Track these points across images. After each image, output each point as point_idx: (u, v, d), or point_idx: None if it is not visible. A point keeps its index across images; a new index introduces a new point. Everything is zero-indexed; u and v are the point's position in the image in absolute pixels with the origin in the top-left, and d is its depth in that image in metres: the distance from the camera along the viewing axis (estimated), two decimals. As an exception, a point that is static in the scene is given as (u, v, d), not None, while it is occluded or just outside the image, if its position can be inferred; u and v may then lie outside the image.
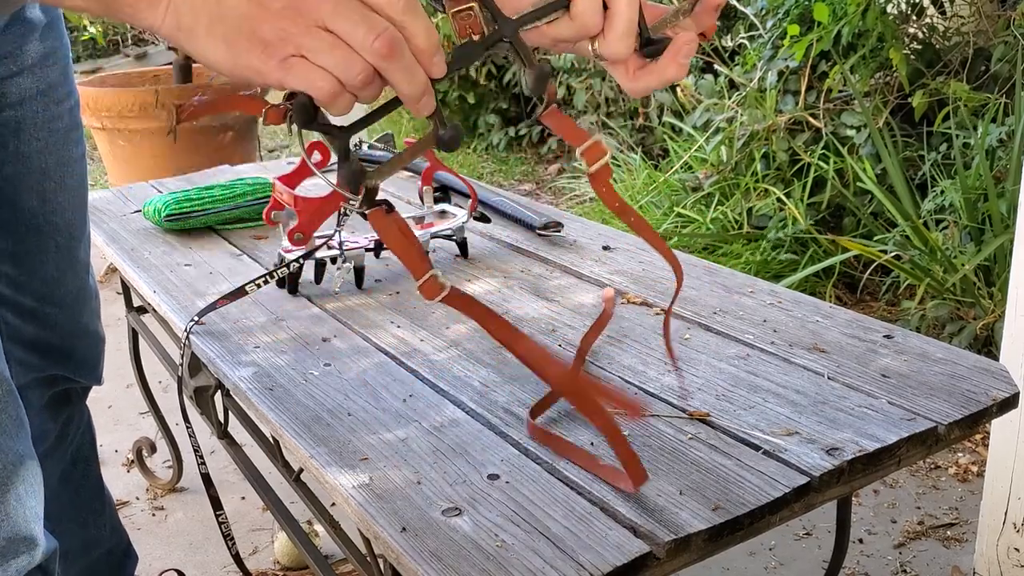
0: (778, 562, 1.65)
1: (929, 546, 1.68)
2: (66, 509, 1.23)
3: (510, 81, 4.46)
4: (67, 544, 1.24)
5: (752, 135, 2.78)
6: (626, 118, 3.73)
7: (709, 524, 0.72)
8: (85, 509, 1.28)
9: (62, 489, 1.22)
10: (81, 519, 1.27)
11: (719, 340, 1.06)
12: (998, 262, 2.20)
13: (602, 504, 0.76)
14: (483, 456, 0.84)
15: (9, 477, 0.81)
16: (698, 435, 0.86)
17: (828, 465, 0.79)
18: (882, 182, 2.55)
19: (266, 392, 0.97)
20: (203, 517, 1.87)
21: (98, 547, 1.29)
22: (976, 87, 2.54)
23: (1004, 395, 0.90)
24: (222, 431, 1.44)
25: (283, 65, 0.57)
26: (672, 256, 0.86)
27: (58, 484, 1.21)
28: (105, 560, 1.33)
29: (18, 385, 1.11)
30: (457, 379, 0.99)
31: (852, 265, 2.60)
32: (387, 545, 0.73)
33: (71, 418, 1.24)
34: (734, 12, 3.42)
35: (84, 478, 1.27)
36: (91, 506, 1.29)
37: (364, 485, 0.80)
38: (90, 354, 1.22)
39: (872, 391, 0.92)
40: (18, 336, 1.11)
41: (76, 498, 1.25)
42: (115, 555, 1.35)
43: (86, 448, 1.28)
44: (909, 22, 2.84)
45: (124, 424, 2.26)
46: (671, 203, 2.93)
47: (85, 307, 1.18)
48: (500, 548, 0.71)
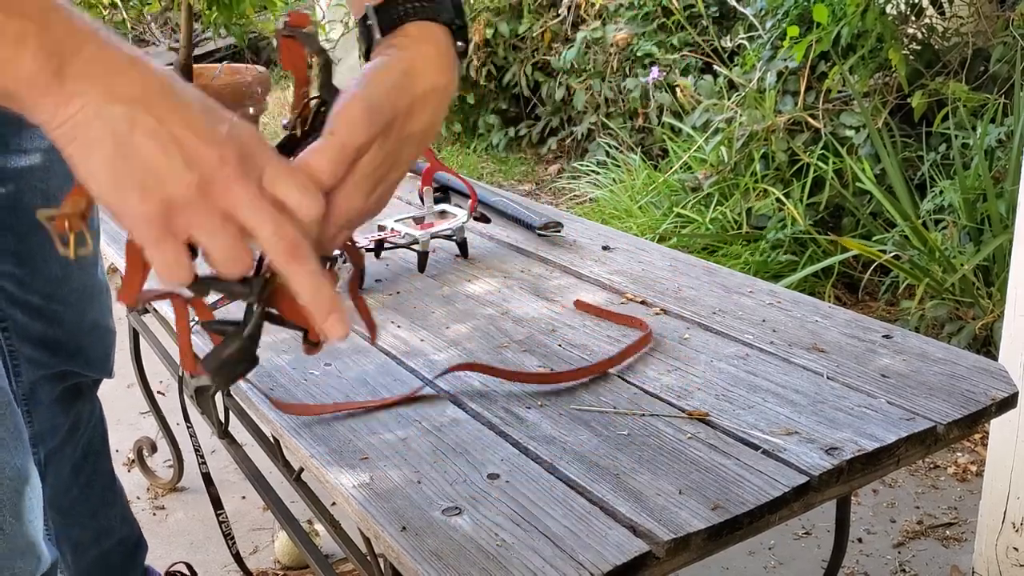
0: (777, 561, 1.65)
1: (928, 545, 1.69)
2: (77, 501, 1.24)
3: (510, 82, 4.46)
4: (79, 535, 1.24)
5: (751, 135, 2.78)
6: (625, 118, 3.73)
7: (708, 523, 0.73)
8: (96, 500, 1.28)
9: (73, 481, 1.22)
10: (92, 510, 1.27)
11: (718, 340, 1.06)
12: (997, 262, 2.20)
13: (602, 503, 0.76)
14: (483, 455, 0.84)
15: (9, 492, 0.81)
16: (697, 435, 0.86)
17: (827, 465, 0.80)
18: (881, 182, 2.55)
19: (267, 392, 0.98)
20: (204, 516, 1.88)
21: (109, 537, 1.30)
22: (975, 87, 2.54)
23: (1003, 395, 0.91)
24: (223, 431, 1.44)
25: (165, 233, 0.52)
26: None
27: (69, 476, 1.21)
28: (117, 550, 1.33)
29: (29, 382, 1.11)
30: (457, 379, 0.99)
31: (851, 265, 2.61)
32: (387, 544, 0.74)
33: (81, 412, 1.24)
34: (734, 13, 3.42)
35: (95, 471, 1.27)
36: (103, 497, 1.29)
37: (364, 484, 0.80)
38: (99, 349, 1.21)
39: (871, 391, 0.92)
40: (26, 334, 1.11)
41: (88, 490, 1.26)
42: (126, 545, 1.36)
43: (97, 441, 1.28)
44: (908, 23, 2.85)
45: (125, 424, 2.26)
46: (670, 203, 2.94)
47: (93, 303, 1.18)
48: (500, 547, 0.71)
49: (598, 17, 3.86)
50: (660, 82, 3.41)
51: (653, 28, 3.61)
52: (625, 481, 0.79)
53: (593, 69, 3.82)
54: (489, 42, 4.40)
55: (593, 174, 3.49)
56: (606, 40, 3.70)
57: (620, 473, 0.80)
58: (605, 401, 0.93)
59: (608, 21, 3.78)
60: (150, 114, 0.50)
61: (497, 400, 0.94)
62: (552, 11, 4.20)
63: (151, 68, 0.52)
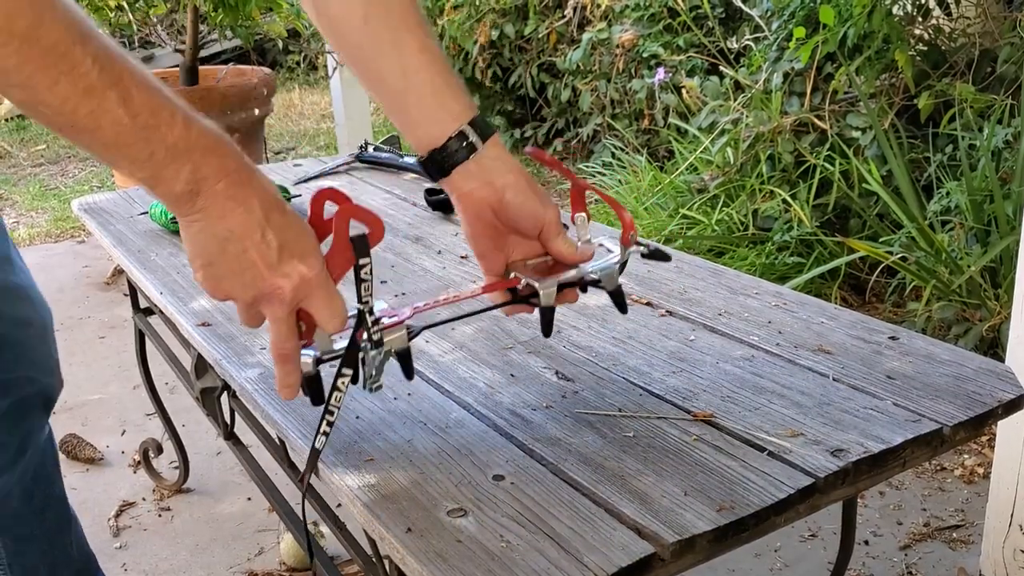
0: (784, 563, 1.65)
1: (935, 548, 1.68)
2: (31, 529, 1.18)
3: (515, 83, 4.47)
4: (32, 562, 1.19)
5: (757, 137, 2.78)
6: (631, 120, 3.73)
7: (714, 525, 0.73)
8: (51, 529, 1.22)
9: (25, 508, 1.17)
10: (48, 540, 1.22)
11: (724, 341, 1.06)
12: (1004, 263, 2.20)
13: (607, 505, 0.76)
14: (488, 457, 0.84)
15: None
16: (703, 436, 0.86)
17: (833, 466, 0.79)
18: (888, 184, 2.54)
19: (272, 393, 0.98)
20: (209, 518, 1.88)
21: (67, 568, 1.23)
22: (982, 88, 2.53)
23: (1010, 397, 0.90)
24: (228, 432, 1.44)
25: (252, 308, 0.80)
26: None
27: (20, 503, 1.16)
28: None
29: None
30: (463, 380, 0.99)
31: (858, 267, 2.60)
32: (392, 546, 0.74)
33: (31, 431, 1.17)
34: (740, 14, 3.42)
35: (48, 496, 1.20)
36: (56, 526, 1.23)
37: (369, 486, 0.80)
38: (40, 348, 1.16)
39: (877, 392, 0.92)
40: None
41: (41, 517, 1.19)
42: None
43: (49, 465, 1.21)
44: (915, 24, 2.84)
45: (131, 425, 2.27)
46: (676, 205, 2.93)
47: (16, 301, 1.12)
48: (505, 549, 0.71)
49: (604, 18, 3.86)
50: (666, 83, 3.40)
51: (659, 29, 3.61)
52: (630, 483, 0.79)
53: (599, 70, 3.82)
54: (495, 43, 4.41)
55: (599, 175, 3.49)
56: (612, 41, 3.70)
57: (625, 475, 0.80)
58: (610, 403, 0.92)
59: (614, 22, 3.78)
60: (240, 243, 0.75)
61: (502, 402, 0.94)
62: (558, 12, 4.21)
63: (256, 208, 0.75)
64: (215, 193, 0.74)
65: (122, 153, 0.71)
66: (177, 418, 1.99)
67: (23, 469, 1.15)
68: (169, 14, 3.98)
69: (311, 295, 0.79)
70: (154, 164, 0.71)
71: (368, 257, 0.82)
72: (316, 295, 0.79)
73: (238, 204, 0.74)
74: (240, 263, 0.76)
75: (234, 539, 1.81)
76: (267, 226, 0.75)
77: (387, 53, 0.89)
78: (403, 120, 0.92)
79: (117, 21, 3.69)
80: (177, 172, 0.72)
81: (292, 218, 0.77)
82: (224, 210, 0.74)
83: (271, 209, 0.76)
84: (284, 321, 0.79)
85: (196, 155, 0.72)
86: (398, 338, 0.85)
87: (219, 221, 0.75)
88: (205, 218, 0.74)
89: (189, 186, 0.73)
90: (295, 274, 0.77)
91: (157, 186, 0.73)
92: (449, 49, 4.55)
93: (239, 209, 0.74)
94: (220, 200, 0.74)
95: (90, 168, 4.91)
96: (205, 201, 0.74)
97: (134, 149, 0.70)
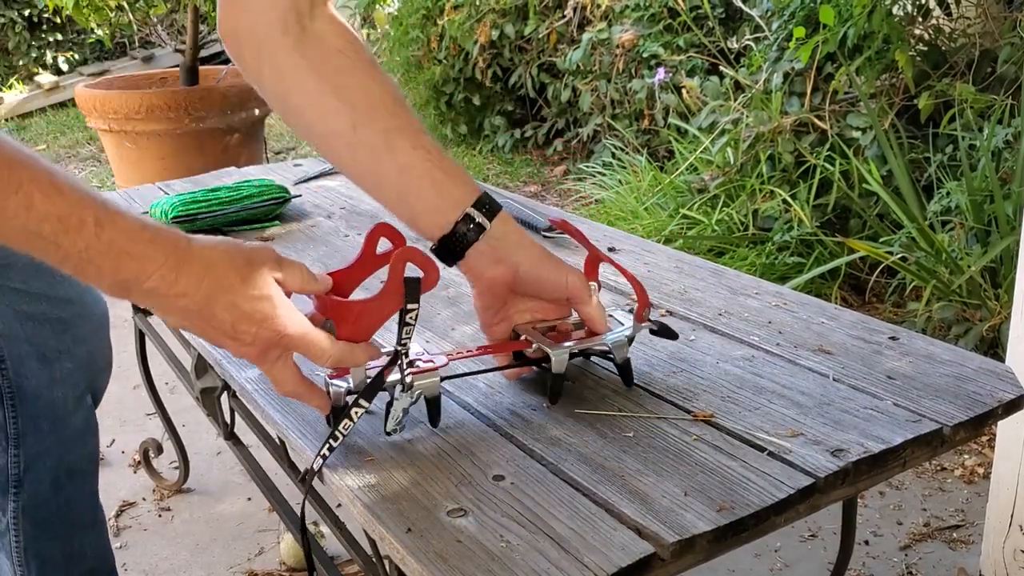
0: (784, 564, 1.65)
1: (935, 548, 1.68)
2: (53, 517, 1.18)
3: (516, 83, 4.47)
4: (49, 552, 1.19)
5: (758, 137, 2.78)
6: (631, 120, 3.73)
7: (714, 525, 0.73)
8: (74, 523, 1.22)
9: (52, 496, 1.17)
10: (67, 531, 1.22)
11: (724, 341, 1.06)
12: (1004, 263, 2.20)
13: (607, 505, 0.76)
14: (488, 457, 0.84)
15: None
16: (703, 436, 0.86)
17: (833, 466, 0.79)
18: (888, 184, 2.54)
19: (272, 393, 0.98)
20: (209, 518, 1.88)
21: (80, 564, 1.23)
22: (982, 89, 2.53)
23: (1010, 397, 0.90)
24: (228, 432, 1.44)
25: None
26: None
27: (49, 491, 1.17)
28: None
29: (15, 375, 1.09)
30: (462, 380, 0.99)
31: (858, 267, 2.60)
32: (392, 546, 0.74)
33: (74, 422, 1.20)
34: (740, 14, 3.42)
35: (78, 491, 1.21)
36: (80, 521, 1.23)
37: (370, 486, 0.80)
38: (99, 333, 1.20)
39: (877, 392, 0.92)
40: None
41: (66, 508, 1.20)
42: None
43: (85, 461, 1.22)
44: (915, 24, 2.84)
45: (131, 425, 2.27)
46: (676, 205, 2.93)
47: None
48: (505, 549, 0.71)
49: (604, 18, 3.86)
50: (666, 83, 3.40)
51: (659, 29, 3.61)
52: (630, 483, 0.79)
53: (599, 70, 3.82)
54: (495, 43, 4.41)
55: (599, 175, 3.49)
56: (612, 41, 3.70)
57: (625, 475, 0.80)
58: (610, 403, 0.92)
59: (614, 22, 3.78)
60: (194, 323, 0.77)
61: (502, 402, 0.94)
62: (558, 12, 4.21)
63: (196, 293, 0.75)
64: (147, 292, 0.74)
65: (39, 255, 0.70)
66: (177, 418, 1.99)
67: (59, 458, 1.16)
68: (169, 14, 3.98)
69: (289, 348, 0.80)
70: (72, 266, 0.71)
71: (417, 303, 0.83)
72: (293, 347, 0.80)
73: (177, 297, 0.75)
74: (205, 334, 0.78)
75: (234, 539, 1.81)
76: (214, 306, 0.76)
77: (381, 157, 0.89)
78: (407, 214, 0.92)
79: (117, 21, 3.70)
80: (98, 275, 0.72)
81: (243, 284, 0.76)
82: (164, 305, 0.76)
83: (216, 289, 0.75)
84: (269, 372, 0.82)
85: (109, 261, 0.71)
86: (430, 384, 0.87)
87: (163, 312, 0.77)
88: (152, 306, 0.76)
89: (113, 289, 0.73)
90: (257, 341, 0.78)
91: (87, 281, 0.73)
92: (449, 49, 4.55)
93: (179, 302, 0.75)
94: (156, 297, 0.75)
95: (90, 168, 4.92)
96: (138, 298, 0.75)
97: (47, 253, 0.70)
